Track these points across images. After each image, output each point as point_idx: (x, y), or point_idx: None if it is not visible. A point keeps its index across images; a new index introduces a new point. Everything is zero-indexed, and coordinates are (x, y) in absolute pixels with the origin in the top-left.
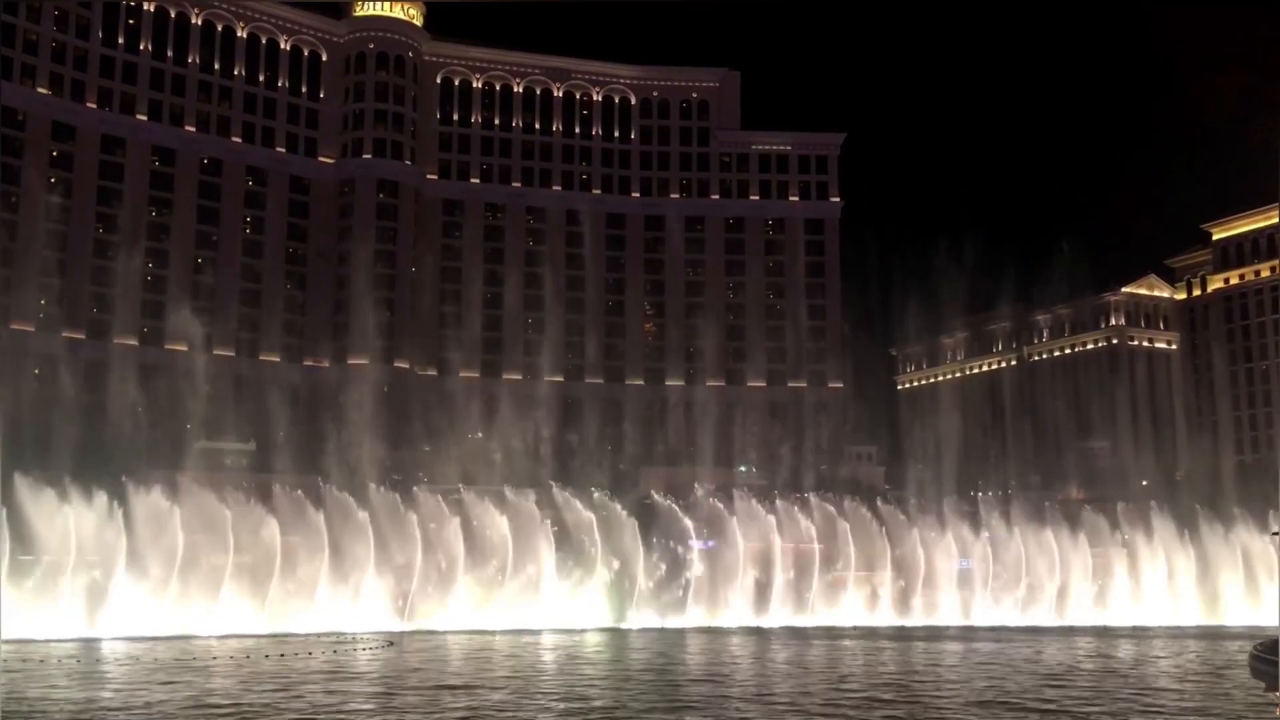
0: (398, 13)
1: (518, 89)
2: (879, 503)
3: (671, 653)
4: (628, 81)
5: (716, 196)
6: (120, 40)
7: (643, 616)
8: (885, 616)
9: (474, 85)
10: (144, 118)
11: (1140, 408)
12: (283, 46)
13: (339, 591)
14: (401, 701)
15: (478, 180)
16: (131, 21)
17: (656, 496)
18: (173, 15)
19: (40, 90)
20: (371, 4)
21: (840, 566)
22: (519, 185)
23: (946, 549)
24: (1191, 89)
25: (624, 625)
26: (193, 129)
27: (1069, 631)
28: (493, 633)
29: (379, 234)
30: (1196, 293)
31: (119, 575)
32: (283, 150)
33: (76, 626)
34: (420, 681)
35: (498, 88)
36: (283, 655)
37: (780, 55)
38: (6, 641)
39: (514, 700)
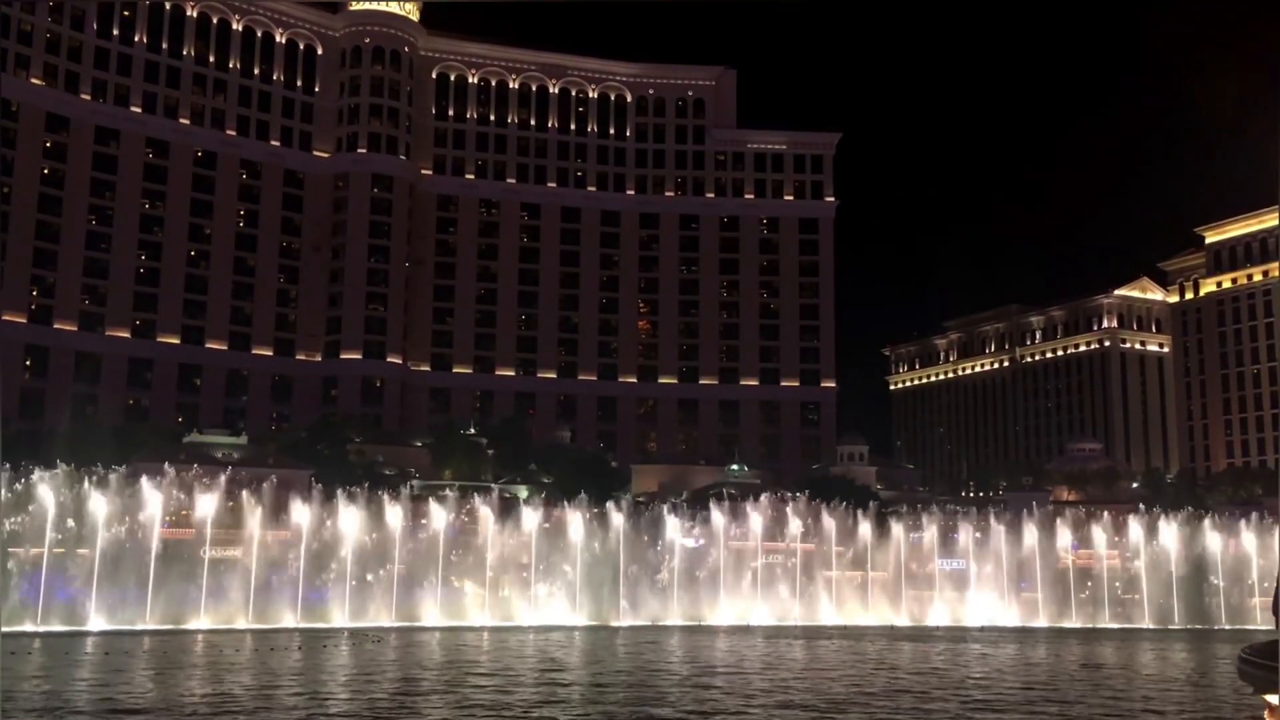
0: (394, 7)
1: (514, 85)
2: (869, 503)
3: (689, 653)
4: (624, 79)
5: (711, 195)
6: (115, 32)
7: (629, 615)
8: (873, 616)
9: (470, 81)
10: (138, 110)
11: (1131, 410)
12: (278, 40)
13: None
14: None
15: (473, 176)
16: (126, 13)
17: (647, 494)
18: (168, 7)
19: (34, 81)
20: None
21: (827, 566)
22: (514, 181)
23: (935, 549)
24: (1188, 92)
25: (612, 623)
26: (187, 122)
27: (1060, 634)
28: (479, 629)
29: (373, 229)
30: (1189, 296)
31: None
32: (277, 144)
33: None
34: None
35: (493, 83)
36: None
37: (776, 54)
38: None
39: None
